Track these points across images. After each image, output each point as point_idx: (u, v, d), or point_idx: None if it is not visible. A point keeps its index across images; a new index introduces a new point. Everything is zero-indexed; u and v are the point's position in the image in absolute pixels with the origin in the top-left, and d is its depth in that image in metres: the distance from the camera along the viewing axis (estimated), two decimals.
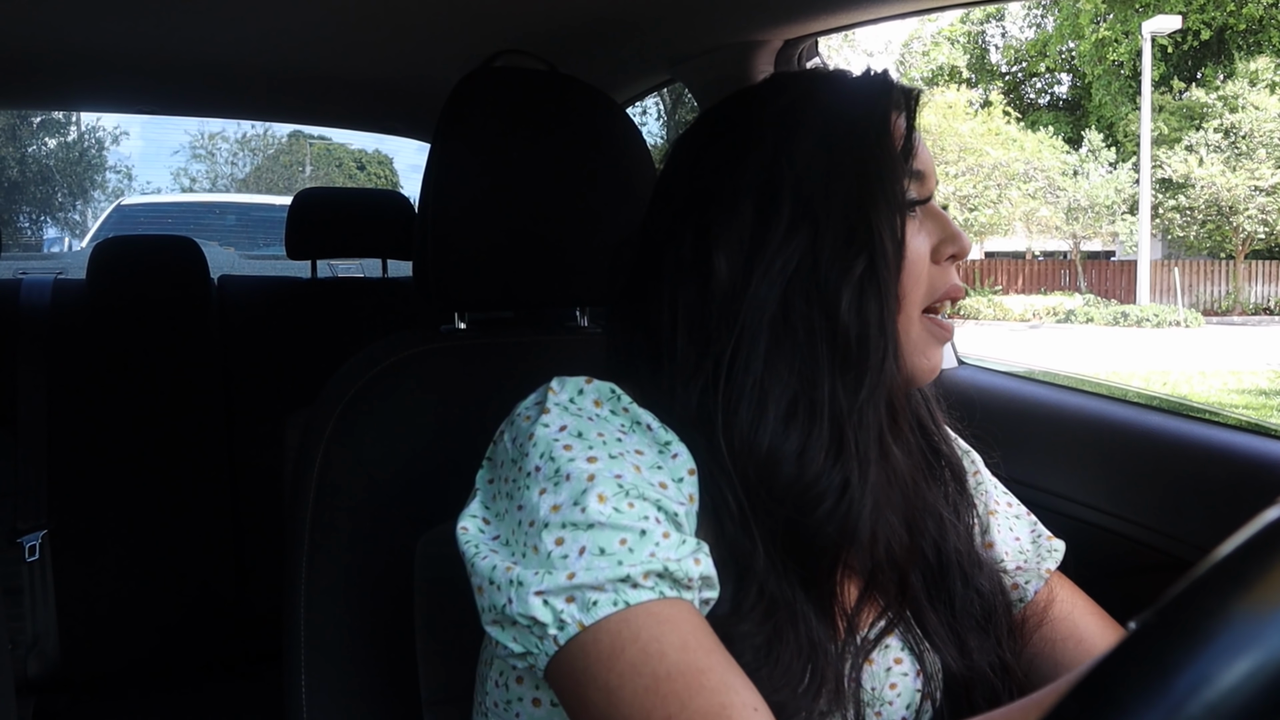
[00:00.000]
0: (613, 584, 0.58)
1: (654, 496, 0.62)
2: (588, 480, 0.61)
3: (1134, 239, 18.48)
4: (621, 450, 0.64)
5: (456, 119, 0.98)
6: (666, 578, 0.59)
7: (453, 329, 1.04)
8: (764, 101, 0.74)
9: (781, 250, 0.68)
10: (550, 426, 0.65)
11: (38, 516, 1.92)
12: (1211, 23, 19.23)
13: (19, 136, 18.27)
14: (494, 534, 0.64)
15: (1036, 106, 23.37)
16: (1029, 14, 23.15)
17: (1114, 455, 1.12)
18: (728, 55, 1.37)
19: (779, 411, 0.66)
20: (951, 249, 0.73)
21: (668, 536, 0.60)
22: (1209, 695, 0.26)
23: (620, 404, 0.68)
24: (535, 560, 0.60)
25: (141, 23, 1.47)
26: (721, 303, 0.68)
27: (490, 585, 0.61)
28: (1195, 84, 20.05)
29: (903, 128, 0.72)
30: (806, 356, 0.67)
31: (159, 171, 23.54)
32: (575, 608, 0.58)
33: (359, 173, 22.88)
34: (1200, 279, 19.79)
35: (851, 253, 0.67)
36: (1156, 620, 0.28)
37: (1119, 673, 0.28)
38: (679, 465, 0.66)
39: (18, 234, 18.17)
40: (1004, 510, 0.88)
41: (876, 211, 0.68)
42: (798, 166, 0.69)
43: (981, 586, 0.78)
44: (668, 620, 0.58)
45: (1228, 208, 18.04)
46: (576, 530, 0.59)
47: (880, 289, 0.67)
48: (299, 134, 22.64)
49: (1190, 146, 18.15)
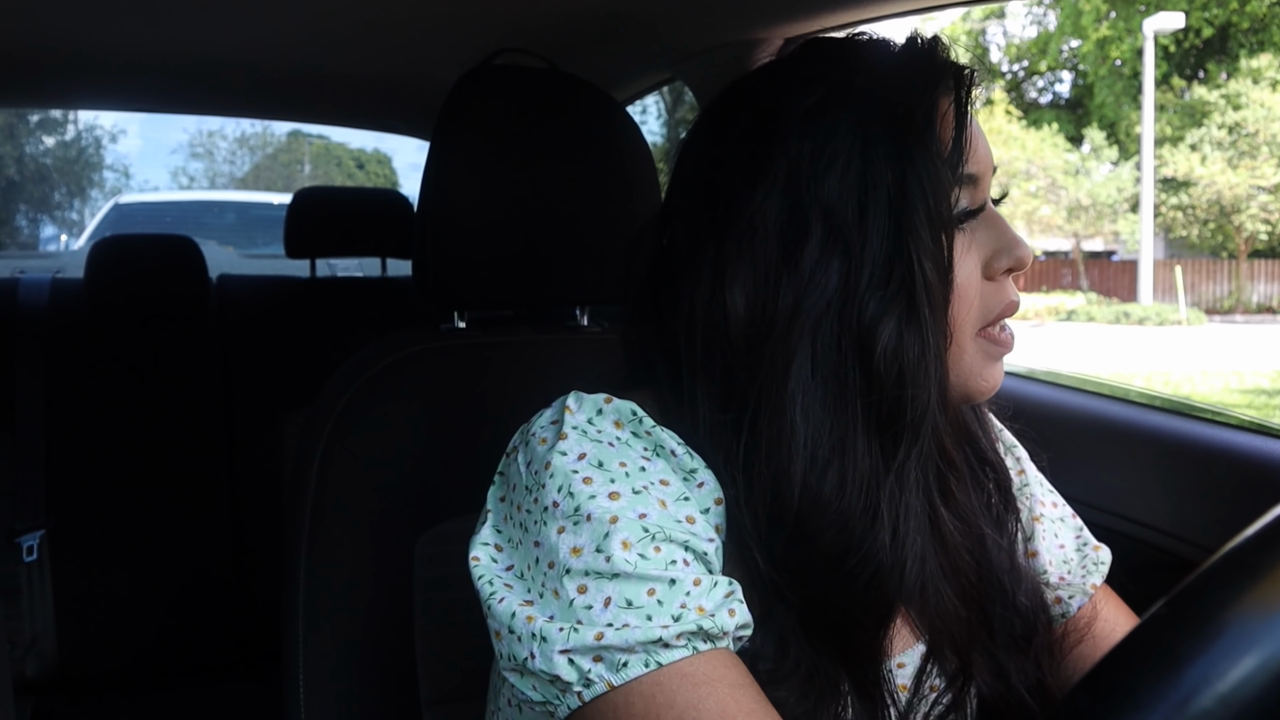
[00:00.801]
0: (644, 645, 0.54)
1: (681, 538, 0.57)
2: (610, 523, 0.56)
3: (1136, 238, 18.46)
4: (645, 483, 0.59)
5: (456, 117, 0.98)
6: (700, 634, 0.55)
7: (452, 328, 1.04)
8: (787, 99, 0.63)
9: (810, 289, 0.59)
10: (568, 455, 0.59)
11: (36, 517, 1.92)
12: (1214, 20, 19.21)
13: (16, 135, 18.27)
14: (507, 564, 0.60)
15: (1038, 105, 23.34)
16: (1030, 12, 23.14)
17: (1116, 455, 1.12)
18: (728, 53, 1.37)
19: (809, 478, 0.58)
20: (1008, 262, 0.64)
21: (698, 583, 0.56)
22: (1221, 686, 0.26)
23: (642, 426, 0.62)
24: (556, 606, 0.56)
25: (140, 20, 1.46)
26: (743, 351, 0.60)
27: (510, 634, 0.56)
28: (1198, 82, 20.02)
29: (952, 122, 0.62)
30: (838, 411, 0.59)
31: (157, 170, 23.62)
32: (603, 667, 0.54)
33: (358, 171, 22.91)
34: (1203, 278, 19.77)
35: (889, 290, 0.59)
36: (1168, 612, 0.28)
37: (1131, 664, 0.27)
38: (705, 495, 0.61)
39: (15, 233, 18.20)
40: (1049, 513, 0.81)
41: (918, 241, 0.58)
42: (826, 187, 0.60)
43: (1022, 605, 0.71)
44: (705, 682, 0.54)
45: (1230, 206, 18.03)
46: (601, 579, 0.55)
47: (921, 328, 0.59)
48: (298, 133, 22.69)
49: (1193, 145, 18.14)
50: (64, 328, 2.08)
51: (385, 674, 0.92)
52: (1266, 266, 19.63)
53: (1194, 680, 0.26)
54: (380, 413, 0.95)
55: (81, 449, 2.01)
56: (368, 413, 0.95)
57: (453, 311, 1.04)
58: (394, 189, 2.63)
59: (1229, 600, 0.27)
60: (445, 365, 0.99)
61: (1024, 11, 23.29)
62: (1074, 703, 0.27)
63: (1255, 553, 0.28)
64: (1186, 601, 0.27)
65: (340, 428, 0.94)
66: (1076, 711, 0.27)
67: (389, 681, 0.92)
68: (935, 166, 0.60)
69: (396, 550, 0.92)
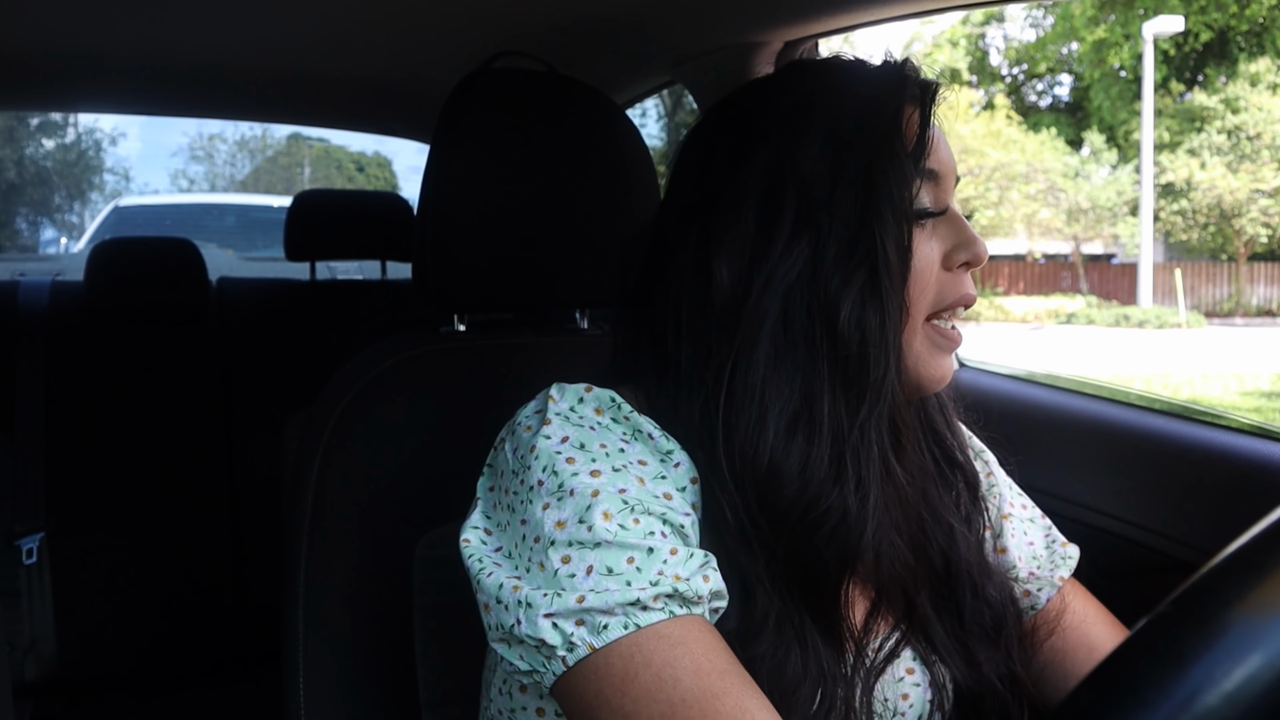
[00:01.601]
0: (623, 607, 0.57)
1: (659, 510, 0.61)
2: (592, 496, 0.60)
3: (1135, 241, 18.46)
4: (624, 462, 0.63)
5: (456, 120, 0.98)
6: (676, 597, 0.58)
7: (452, 331, 1.03)
8: (772, 99, 0.71)
9: (783, 259, 0.66)
10: (552, 439, 0.64)
11: (35, 519, 1.92)
12: (1213, 24, 19.19)
13: (16, 138, 18.28)
14: (496, 545, 0.64)
15: (1038, 108, 23.33)
16: (1029, 14, 23.11)
17: (1114, 458, 1.12)
18: (728, 56, 1.37)
19: (779, 427, 0.64)
20: (965, 256, 0.70)
21: (675, 553, 0.59)
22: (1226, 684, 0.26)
23: (621, 412, 0.67)
24: (542, 578, 0.59)
25: (138, 23, 1.46)
26: (721, 312, 0.66)
27: (498, 604, 0.60)
28: (1197, 86, 20.00)
29: (916, 125, 0.68)
30: (807, 370, 0.65)
31: (157, 173, 23.61)
32: (585, 630, 0.57)
33: (358, 174, 22.88)
34: (1202, 281, 19.76)
35: (853, 264, 0.65)
36: (1173, 610, 0.28)
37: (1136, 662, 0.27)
38: (681, 474, 0.65)
39: (15, 235, 18.21)
40: (1018, 514, 0.86)
41: (881, 222, 0.65)
42: (801, 171, 0.66)
43: (991, 597, 0.76)
44: (680, 643, 0.57)
45: (1230, 210, 18.03)
46: (583, 549, 0.59)
47: (882, 301, 0.65)
48: (298, 136, 22.69)
49: (1192, 150, 18.14)
50: (64, 330, 2.08)
51: (385, 676, 0.92)
52: (1266, 269, 19.64)
53: (1199, 678, 0.26)
54: (380, 415, 0.95)
55: (81, 452, 2.01)
56: (367, 415, 0.95)
57: (452, 314, 1.04)
58: (394, 192, 2.62)
59: (1234, 599, 0.27)
60: (445, 368, 0.99)
61: (1023, 15, 23.28)
62: (1079, 700, 0.27)
63: (1261, 551, 0.28)
64: (1192, 600, 0.27)
65: (340, 430, 0.94)
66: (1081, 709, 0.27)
67: (388, 684, 0.91)
68: (899, 158, 0.66)
69: (396, 553, 0.92)
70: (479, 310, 1.05)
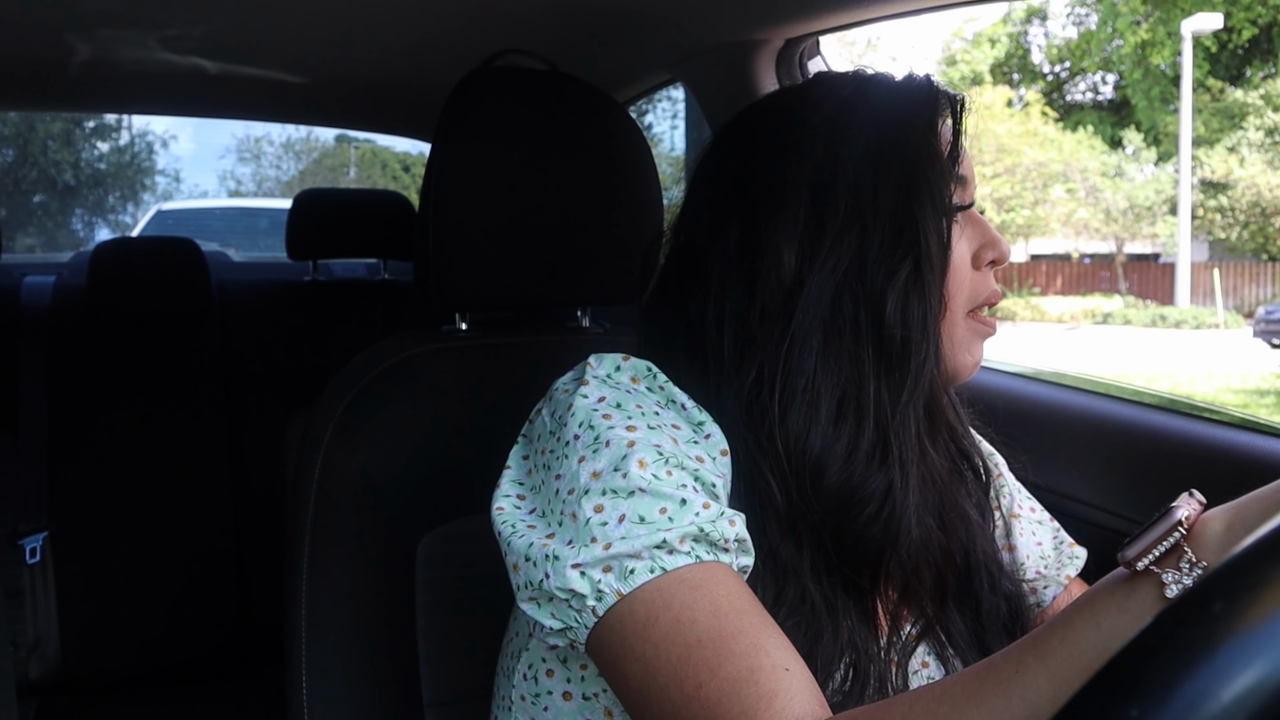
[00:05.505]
0: (649, 551, 0.58)
1: (692, 467, 0.63)
2: (628, 446, 0.61)
3: (1175, 241, 18.21)
4: (659, 423, 0.65)
5: (457, 119, 0.97)
6: (703, 540, 0.59)
7: (454, 329, 1.03)
8: (814, 101, 0.73)
9: (834, 250, 0.68)
10: (589, 398, 0.66)
11: (39, 519, 1.92)
12: (1258, 20, 18.79)
13: (73, 140, 18.33)
14: (530, 508, 0.65)
15: (1081, 106, 22.89)
16: (1072, 12, 22.77)
17: (1117, 454, 1.12)
18: (728, 55, 1.36)
19: (829, 413, 0.67)
20: (992, 254, 0.74)
21: (707, 507, 0.60)
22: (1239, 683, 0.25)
23: (656, 381, 0.69)
24: (573, 529, 0.60)
25: (140, 25, 1.46)
26: (774, 301, 0.69)
27: (526, 562, 0.61)
28: (1238, 84, 19.58)
29: (948, 133, 0.72)
30: (853, 358, 0.68)
31: (207, 174, 23.57)
32: (612, 577, 0.58)
33: (404, 174, 22.62)
34: (1244, 281, 19.46)
35: (898, 255, 0.68)
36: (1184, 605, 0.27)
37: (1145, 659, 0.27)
38: (713, 445, 0.67)
39: (72, 235, 18.37)
40: (1027, 515, 0.88)
41: (924, 215, 0.68)
42: (849, 167, 0.69)
43: (1007, 590, 0.78)
44: (701, 585, 0.58)
45: (1270, 208, 17.73)
46: (617, 497, 0.60)
47: (924, 291, 0.68)
48: (344, 137, 22.49)
49: (1232, 147, 17.87)
50: (67, 330, 2.08)
51: (387, 675, 0.92)
52: None
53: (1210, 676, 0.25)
54: (382, 414, 0.95)
55: (84, 451, 2.01)
56: (370, 414, 0.95)
57: (454, 313, 1.04)
58: (399, 191, 2.62)
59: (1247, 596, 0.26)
60: (447, 367, 0.99)
61: (1065, 12, 22.96)
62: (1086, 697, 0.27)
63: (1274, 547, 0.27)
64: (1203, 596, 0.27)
65: (342, 429, 0.94)
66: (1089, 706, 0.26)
67: (391, 683, 0.91)
68: (938, 159, 0.70)
69: (399, 552, 0.92)
70: (481, 308, 1.05)
